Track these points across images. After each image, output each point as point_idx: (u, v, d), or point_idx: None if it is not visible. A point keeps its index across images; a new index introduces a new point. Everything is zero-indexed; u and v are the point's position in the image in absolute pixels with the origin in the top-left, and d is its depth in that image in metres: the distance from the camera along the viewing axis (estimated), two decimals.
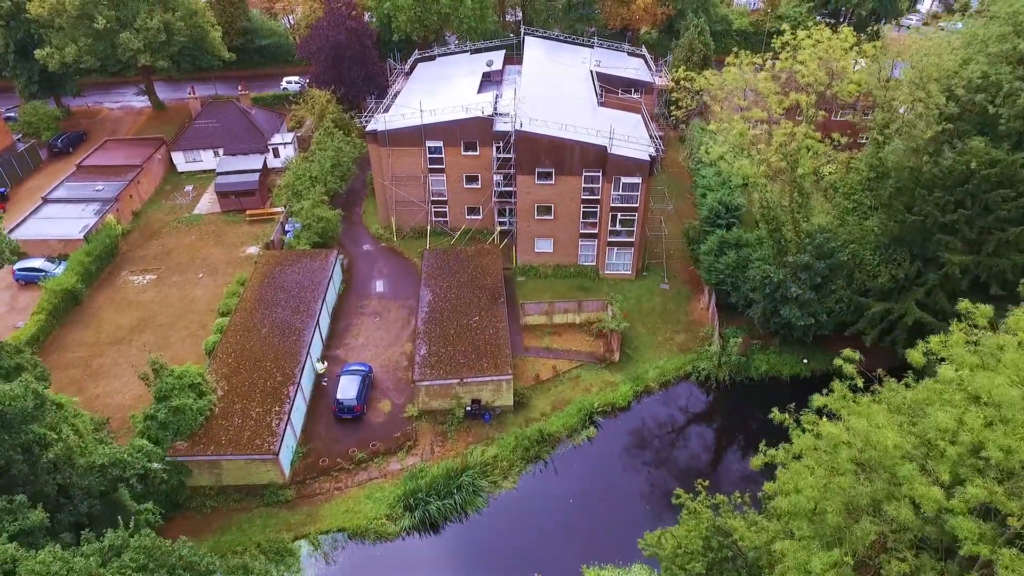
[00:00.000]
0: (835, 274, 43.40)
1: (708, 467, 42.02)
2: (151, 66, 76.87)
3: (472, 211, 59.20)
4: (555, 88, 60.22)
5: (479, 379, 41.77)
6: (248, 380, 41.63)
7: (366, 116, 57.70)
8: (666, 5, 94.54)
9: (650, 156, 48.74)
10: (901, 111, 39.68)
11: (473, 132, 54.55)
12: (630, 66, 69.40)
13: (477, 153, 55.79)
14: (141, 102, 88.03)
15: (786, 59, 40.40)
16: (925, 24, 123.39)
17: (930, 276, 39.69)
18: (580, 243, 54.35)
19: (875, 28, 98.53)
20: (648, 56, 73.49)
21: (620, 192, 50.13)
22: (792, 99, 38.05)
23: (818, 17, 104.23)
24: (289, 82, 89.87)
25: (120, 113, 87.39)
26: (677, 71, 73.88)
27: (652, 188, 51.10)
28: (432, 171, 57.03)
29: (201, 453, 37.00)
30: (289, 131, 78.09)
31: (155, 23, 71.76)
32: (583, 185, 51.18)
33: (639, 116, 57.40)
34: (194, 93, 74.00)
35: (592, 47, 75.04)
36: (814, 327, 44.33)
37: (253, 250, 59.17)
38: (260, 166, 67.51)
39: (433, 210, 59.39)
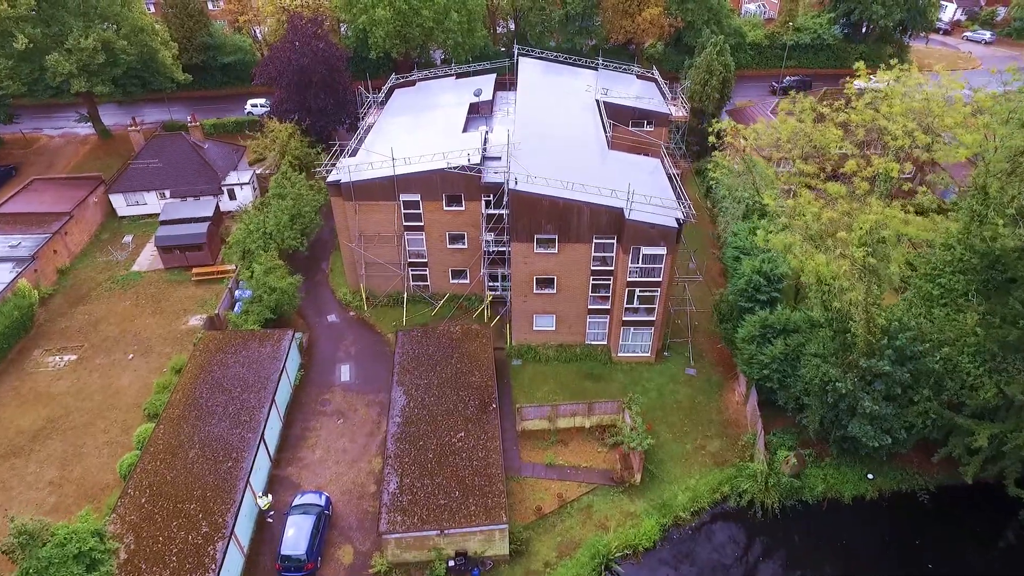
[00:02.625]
0: (919, 382, 34.06)
1: None
2: (90, 91, 66.83)
3: (458, 274, 49.56)
4: (556, 126, 50.59)
5: (465, 530, 32.17)
6: (164, 532, 31.86)
7: (328, 164, 47.87)
8: (674, 17, 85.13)
9: (677, 221, 39.24)
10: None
11: (457, 184, 44.94)
12: (642, 94, 59.84)
13: (462, 208, 46.19)
14: (86, 129, 77.78)
15: (862, 109, 30.91)
16: (946, 33, 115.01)
17: None
18: (588, 319, 44.82)
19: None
20: (660, 80, 63.94)
21: (639, 264, 40.62)
22: (878, 166, 28.57)
23: (836, 29, 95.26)
24: (254, 105, 79.92)
25: (61, 142, 77.21)
26: (697, 100, 65.06)
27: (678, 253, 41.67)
28: (408, 229, 47.36)
29: None
30: (250, 165, 68.23)
31: (90, 42, 61.62)
32: (593, 254, 41.69)
33: (657, 161, 47.91)
34: (136, 125, 63.82)
35: (596, 68, 65.49)
36: (888, 446, 35.04)
37: (196, 321, 49.38)
38: (211, 212, 57.59)
39: (411, 273, 49.69)
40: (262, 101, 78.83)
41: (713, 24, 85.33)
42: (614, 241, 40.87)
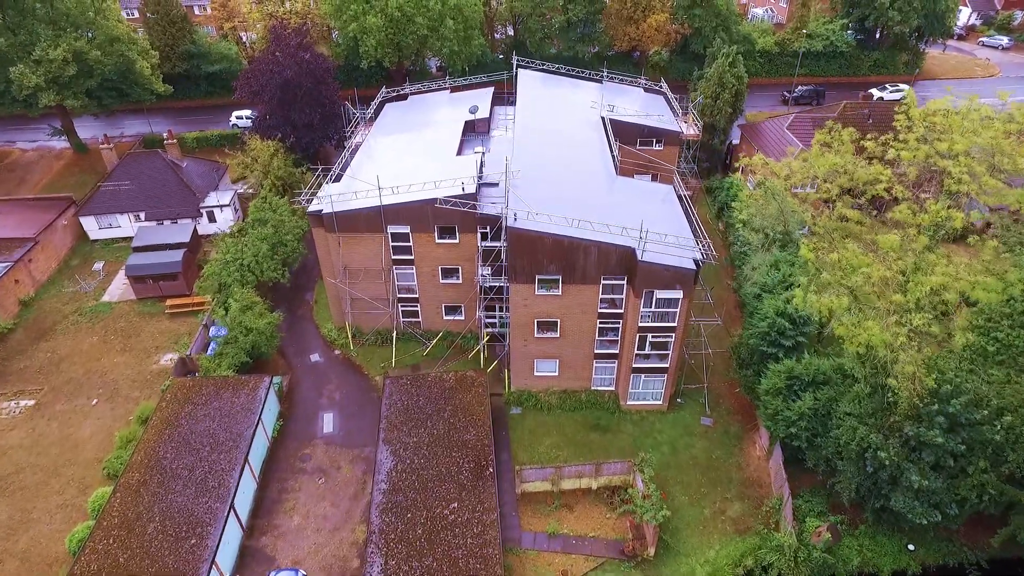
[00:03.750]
0: (973, 451, 30.10)
1: None
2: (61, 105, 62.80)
3: (452, 311, 45.57)
4: (558, 148, 46.42)
5: None
6: None
7: (308, 191, 43.81)
8: (680, 23, 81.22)
9: (695, 263, 35.20)
10: None
11: (451, 215, 40.80)
12: (651, 109, 55.71)
13: (457, 240, 42.17)
14: (61, 143, 73.63)
15: (915, 145, 26.88)
16: (961, 39, 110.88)
17: None
18: (595, 364, 40.83)
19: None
20: (669, 93, 59.80)
21: (652, 308, 36.59)
22: (936, 213, 24.59)
23: (850, 35, 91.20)
24: (239, 117, 75.84)
25: (34, 156, 73.08)
26: (708, 115, 61.07)
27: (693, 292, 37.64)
28: (397, 263, 43.33)
29: None
30: (233, 182, 64.24)
31: (59, 53, 57.53)
32: (601, 296, 37.68)
33: (670, 188, 43.89)
34: (107, 141, 59.59)
35: (600, 80, 61.37)
36: (936, 523, 31.05)
37: (168, 360, 45.39)
38: (188, 238, 53.51)
39: (401, 309, 45.66)
40: (248, 113, 74.69)
41: (722, 31, 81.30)
42: (624, 282, 36.87)
